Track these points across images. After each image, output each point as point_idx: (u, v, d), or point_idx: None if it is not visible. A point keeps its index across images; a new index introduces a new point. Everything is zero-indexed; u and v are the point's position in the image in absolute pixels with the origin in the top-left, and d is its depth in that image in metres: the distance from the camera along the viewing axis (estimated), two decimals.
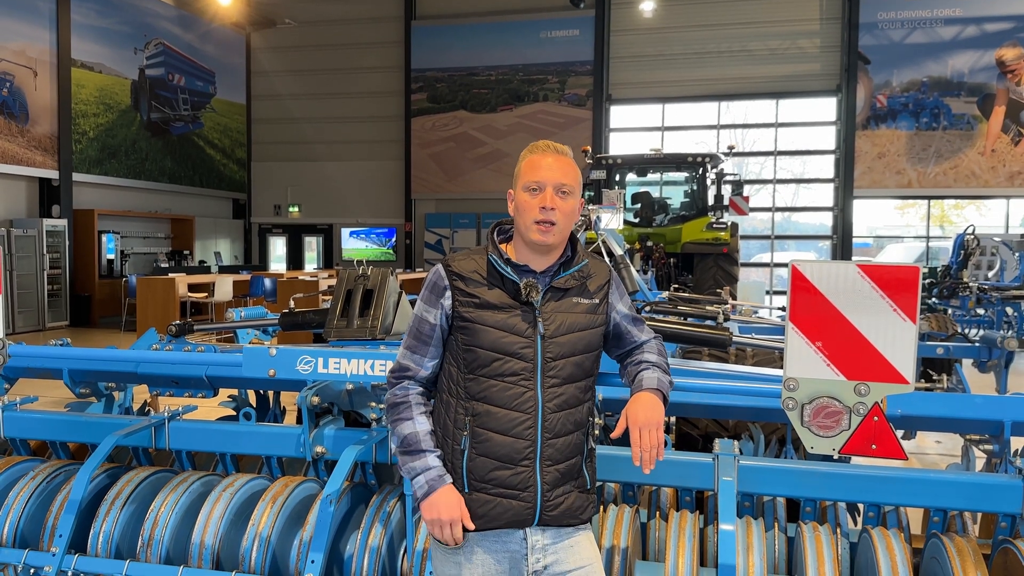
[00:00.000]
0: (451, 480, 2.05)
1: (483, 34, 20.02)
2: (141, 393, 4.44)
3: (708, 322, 5.27)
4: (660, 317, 4.03)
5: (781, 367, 4.64)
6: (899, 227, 19.39)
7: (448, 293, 2.10)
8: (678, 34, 18.67)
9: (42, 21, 15.23)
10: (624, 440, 4.02)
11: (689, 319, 5.73)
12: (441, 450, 2.08)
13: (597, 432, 2.20)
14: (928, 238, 18.20)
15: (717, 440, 2.92)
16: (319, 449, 3.07)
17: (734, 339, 3.49)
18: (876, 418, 2.07)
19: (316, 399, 2.99)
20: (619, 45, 19.15)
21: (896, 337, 2.03)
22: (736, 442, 2.91)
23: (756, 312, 7.17)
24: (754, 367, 4.23)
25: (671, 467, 2.81)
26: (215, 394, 3.93)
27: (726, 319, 5.70)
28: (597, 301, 2.17)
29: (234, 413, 4.46)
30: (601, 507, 2.82)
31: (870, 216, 18.68)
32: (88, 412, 3.99)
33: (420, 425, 2.07)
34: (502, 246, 2.16)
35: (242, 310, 5.36)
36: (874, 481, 2.65)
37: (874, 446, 2.07)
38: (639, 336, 2.27)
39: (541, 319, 2.06)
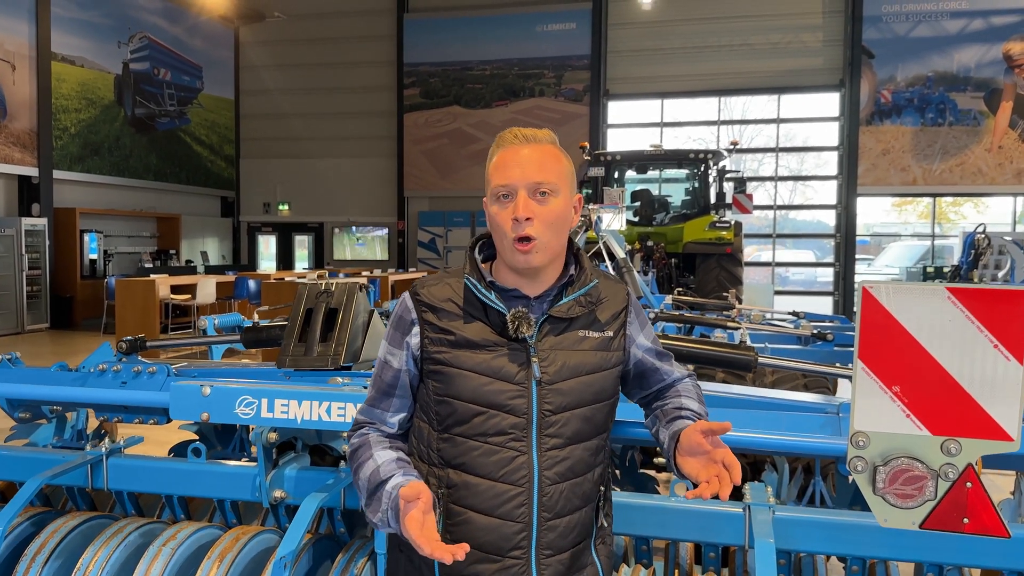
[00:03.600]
0: (413, 478, 1.53)
1: (477, 28, 19.53)
2: None
3: (718, 332, 4.83)
4: (672, 334, 3.58)
5: (804, 389, 4.19)
6: (896, 225, 19.00)
7: (416, 329, 1.62)
8: (677, 28, 18.20)
9: (20, 13, 14.70)
10: (638, 486, 3.56)
11: (700, 329, 5.28)
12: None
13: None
14: (933, 236, 17.77)
15: (748, 485, 2.48)
16: (278, 494, 2.61)
17: (759, 360, 3.03)
18: (969, 484, 1.61)
19: (274, 434, 2.53)
20: (617, 39, 18.67)
21: (997, 380, 1.58)
22: (769, 489, 2.47)
23: (765, 317, 6.72)
24: (774, 390, 3.78)
25: (693, 518, 2.36)
26: (169, 420, 3.47)
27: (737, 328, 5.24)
28: (611, 334, 1.68)
29: (196, 437, 4.01)
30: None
31: (866, 213, 18.19)
32: (28, 443, 3.54)
33: (382, 458, 1.57)
34: (484, 266, 1.68)
35: (215, 317, 4.90)
36: (940, 538, 2.20)
37: (967, 520, 1.62)
38: (669, 373, 1.79)
39: (537, 359, 1.57)
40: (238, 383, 2.08)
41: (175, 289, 12.56)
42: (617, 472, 3.64)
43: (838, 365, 3.23)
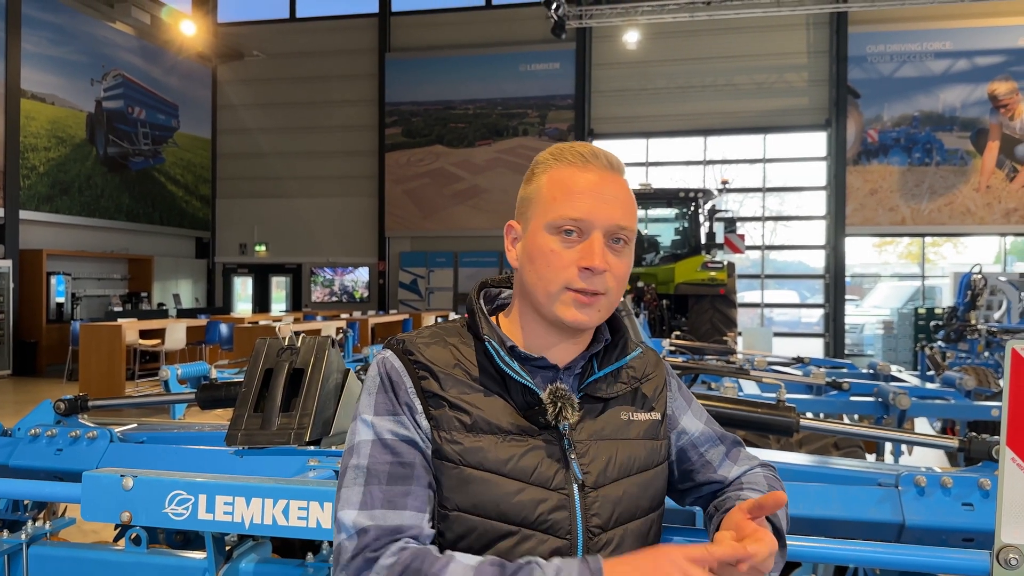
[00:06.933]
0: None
1: (460, 67, 19.32)
2: None
3: (728, 382, 4.41)
4: (707, 394, 3.15)
5: (835, 449, 3.75)
6: (876, 265, 18.78)
7: (418, 404, 1.15)
8: (662, 68, 18.08)
9: None
10: None
11: (702, 377, 4.86)
12: None
13: None
14: (923, 277, 17.56)
15: None
16: None
17: (801, 423, 2.60)
18: None
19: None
20: (601, 79, 18.51)
21: None
22: None
23: (768, 362, 6.31)
24: (812, 455, 3.36)
25: None
26: None
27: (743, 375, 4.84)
28: (659, 417, 1.27)
29: None
30: None
31: (847, 254, 17.90)
32: None
33: (468, 559, 1.04)
34: (493, 319, 1.26)
35: (179, 367, 4.42)
36: None
37: None
38: (728, 470, 1.32)
39: (576, 454, 1.15)
40: (171, 474, 1.61)
41: (144, 334, 11.97)
42: None
43: (907, 425, 2.82)
